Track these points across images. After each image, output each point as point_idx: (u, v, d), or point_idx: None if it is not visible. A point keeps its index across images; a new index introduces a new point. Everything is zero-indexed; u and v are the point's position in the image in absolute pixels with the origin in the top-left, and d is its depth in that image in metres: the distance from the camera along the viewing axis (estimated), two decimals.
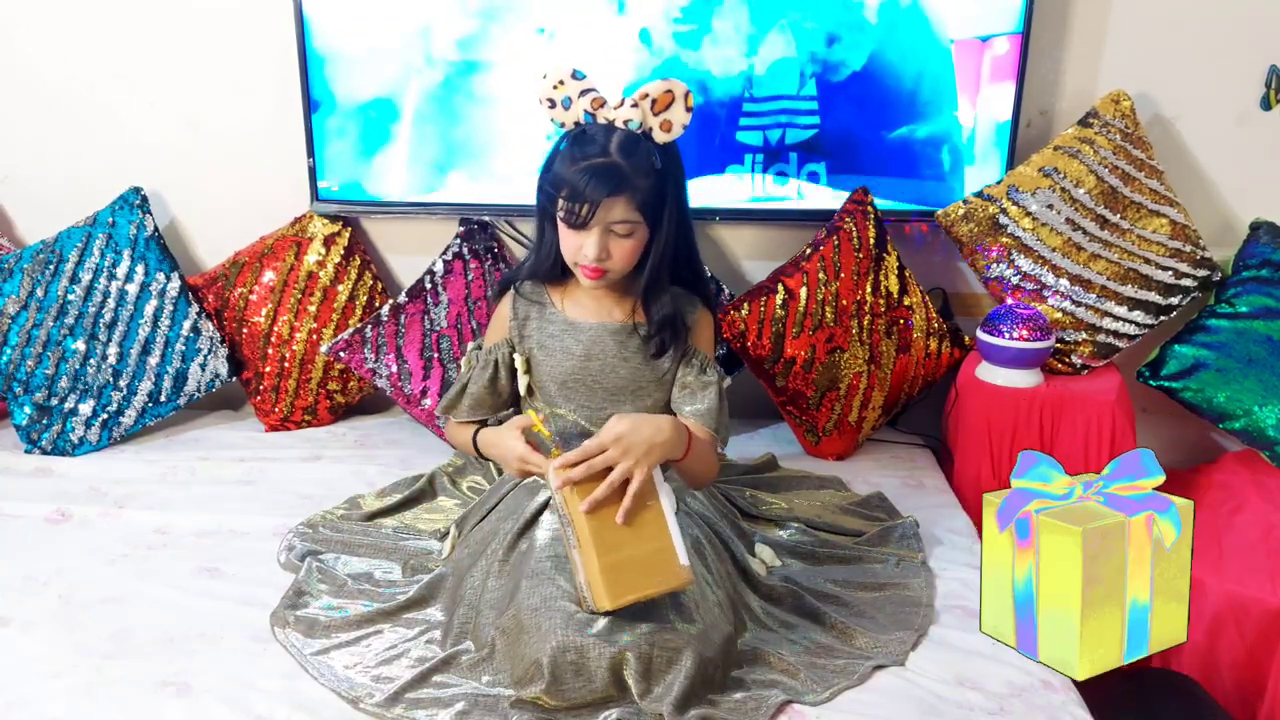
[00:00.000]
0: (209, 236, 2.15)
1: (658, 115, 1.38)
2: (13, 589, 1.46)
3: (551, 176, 1.39)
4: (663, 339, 1.46)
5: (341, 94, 1.98)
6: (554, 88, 1.39)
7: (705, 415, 1.44)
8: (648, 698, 1.19)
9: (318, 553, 1.54)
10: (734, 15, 1.91)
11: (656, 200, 1.38)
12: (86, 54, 2.05)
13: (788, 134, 1.98)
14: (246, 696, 1.23)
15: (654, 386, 1.48)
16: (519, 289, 1.52)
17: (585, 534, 1.20)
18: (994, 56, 1.92)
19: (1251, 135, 2.01)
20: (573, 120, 1.40)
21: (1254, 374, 1.87)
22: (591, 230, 1.36)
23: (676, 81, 1.38)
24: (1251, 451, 1.95)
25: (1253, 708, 1.59)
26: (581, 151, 1.36)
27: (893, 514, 1.71)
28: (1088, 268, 1.90)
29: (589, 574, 1.20)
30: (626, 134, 1.37)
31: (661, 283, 1.45)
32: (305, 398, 2.07)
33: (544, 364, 1.48)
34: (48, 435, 1.93)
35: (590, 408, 1.47)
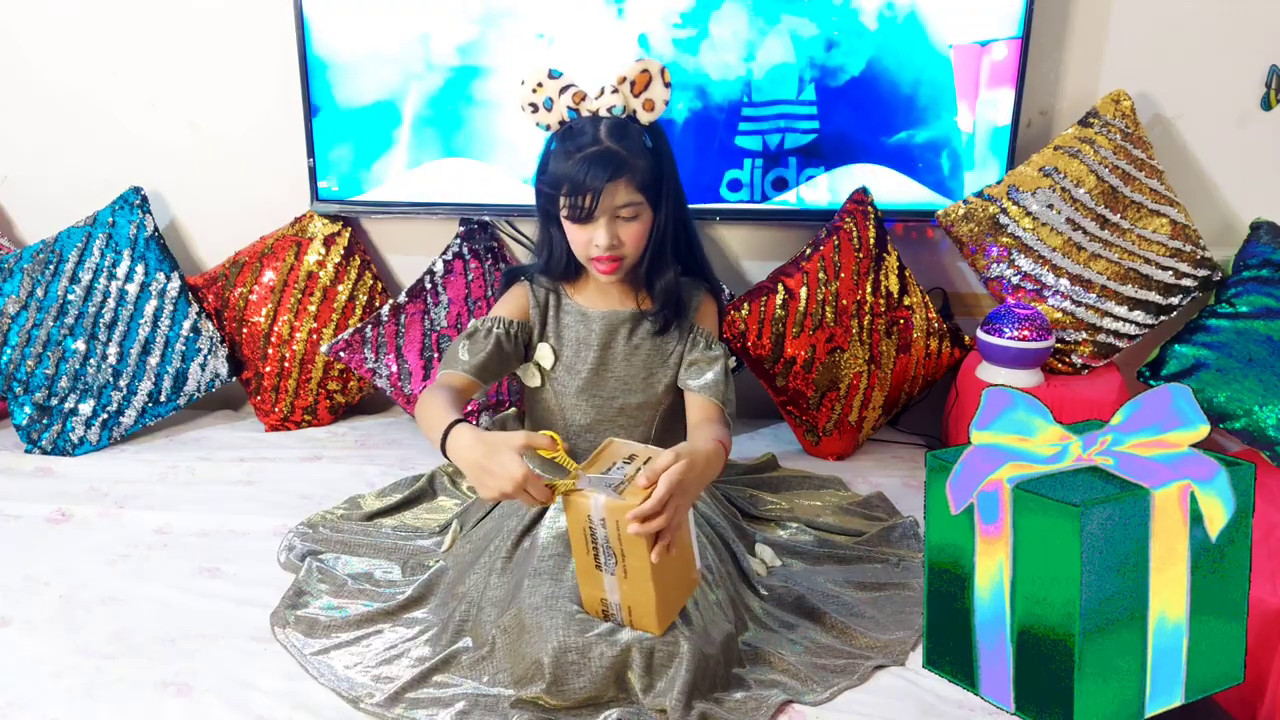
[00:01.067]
0: (209, 236, 2.15)
1: (638, 96, 1.40)
2: (13, 589, 1.46)
3: (548, 177, 1.40)
4: (666, 315, 1.48)
5: (342, 97, 1.98)
6: (533, 91, 1.41)
7: (712, 388, 1.45)
8: (651, 693, 1.19)
9: (318, 552, 1.54)
10: (732, 20, 1.91)
11: (655, 180, 1.40)
12: (87, 54, 2.05)
13: (787, 139, 1.98)
14: (246, 696, 1.23)
15: (663, 372, 1.50)
16: (534, 280, 1.53)
17: (643, 571, 1.16)
18: (993, 62, 1.92)
19: (1251, 135, 2.01)
20: (557, 120, 1.42)
21: (1254, 374, 1.87)
22: (598, 221, 1.38)
23: (650, 59, 1.41)
24: (1252, 451, 1.95)
25: (1252, 707, 1.59)
26: (574, 144, 1.38)
27: (893, 514, 1.71)
28: (1088, 267, 1.90)
29: (642, 604, 1.19)
30: (613, 120, 1.39)
31: (665, 259, 1.46)
32: (305, 398, 2.07)
33: (560, 353, 1.50)
34: (48, 435, 1.93)
35: (602, 397, 1.49)
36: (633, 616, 1.22)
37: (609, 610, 1.24)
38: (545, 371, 1.52)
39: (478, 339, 1.47)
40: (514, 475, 1.16)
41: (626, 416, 1.50)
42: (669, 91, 1.41)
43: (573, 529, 1.21)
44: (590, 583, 1.24)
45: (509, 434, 1.20)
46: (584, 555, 1.22)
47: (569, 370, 1.50)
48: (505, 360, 1.49)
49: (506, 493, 1.17)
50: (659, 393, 1.50)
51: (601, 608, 1.24)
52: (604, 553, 1.19)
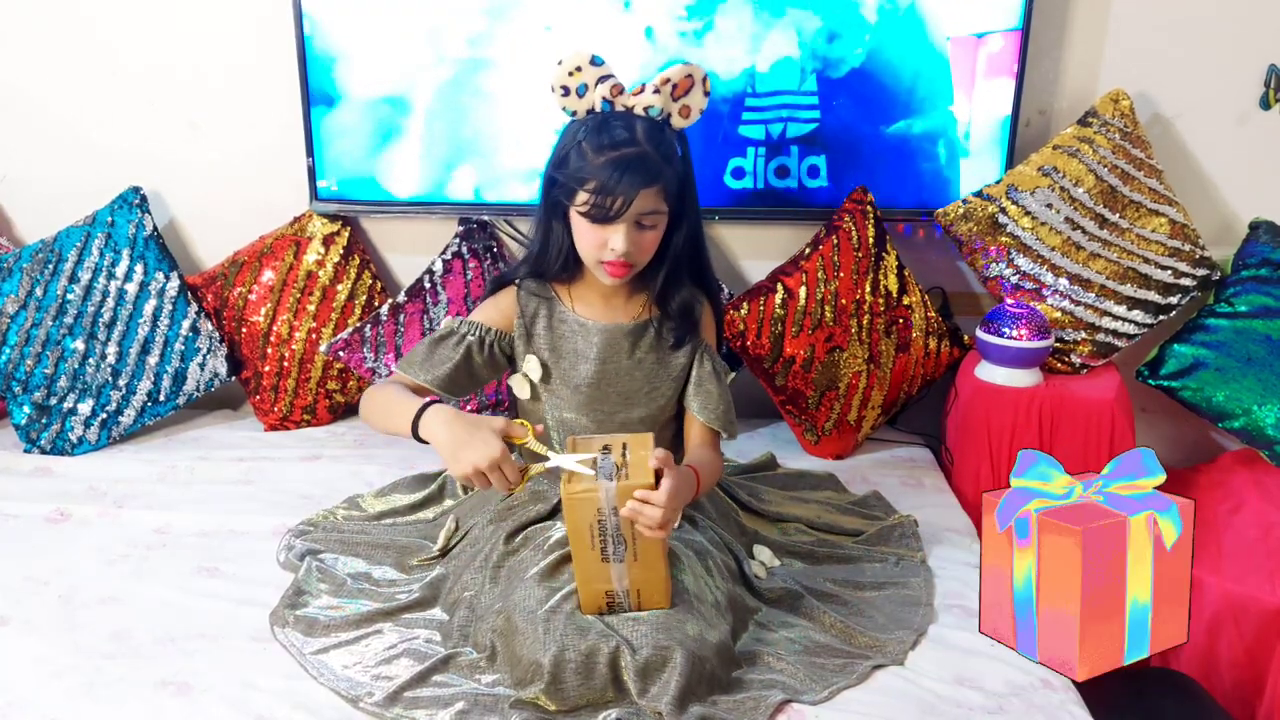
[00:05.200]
0: (208, 236, 2.15)
1: (677, 101, 1.34)
2: (12, 589, 1.46)
3: (571, 170, 1.31)
4: (681, 332, 1.44)
5: (350, 92, 1.98)
6: (570, 74, 1.33)
7: (716, 417, 1.45)
8: (645, 696, 1.19)
9: (317, 552, 1.54)
10: (737, 13, 1.91)
11: (680, 190, 1.35)
12: (86, 53, 2.04)
13: (789, 128, 1.98)
14: (246, 696, 1.23)
15: (667, 385, 1.47)
16: (522, 284, 1.47)
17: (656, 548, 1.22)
18: (989, 53, 1.93)
19: (1251, 135, 2.01)
20: (585, 109, 1.34)
21: (1253, 373, 1.87)
22: (620, 225, 1.31)
23: (695, 66, 1.34)
24: (1251, 451, 1.95)
25: (1252, 707, 1.59)
26: (609, 139, 1.29)
27: (890, 513, 1.71)
28: (1087, 267, 1.90)
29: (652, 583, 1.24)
30: (650, 121, 1.32)
31: (680, 274, 1.42)
32: (304, 397, 2.07)
33: (556, 367, 1.45)
34: (47, 435, 1.93)
35: (603, 412, 1.45)
36: (641, 598, 1.24)
37: (615, 600, 1.24)
38: (535, 384, 1.46)
39: (445, 347, 1.41)
40: (491, 453, 1.18)
41: (627, 431, 1.44)
42: (706, 101, 1.36)
43: (576, 527, 1.21)
44: (595, 578, 1.24)
45: (490, 416, 1.24)
46: (588, 551, 1.22)
47: (564, 382, 1.45)
48: (474, 373, 1.43)
49: (480, 468, 1.19)
50: (661, 405, 1.47)
51: (606, 600, 1.25)
52: (613, 540, 1.21)
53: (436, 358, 1.40)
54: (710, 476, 1.41)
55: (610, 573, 1.23)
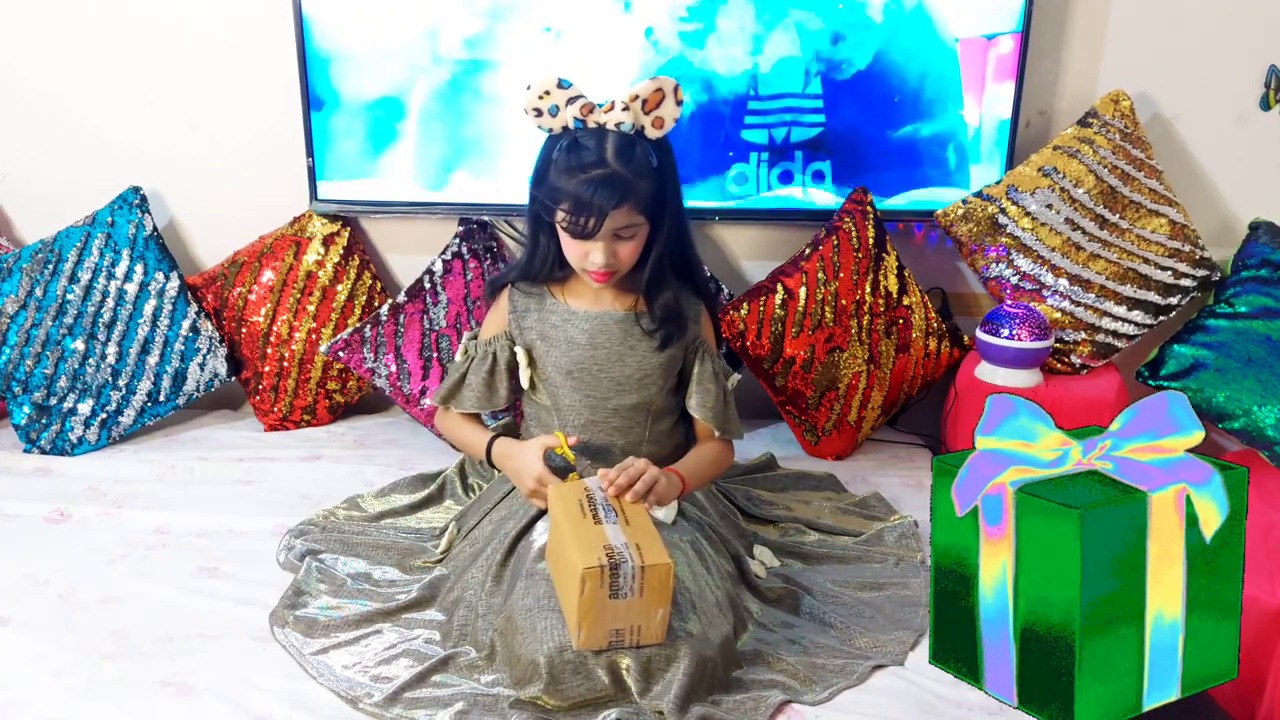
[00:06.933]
0: (208, 236, 2.15)
1: (649, 114, 1.37)
2: (12, 589, 1.46)
3: (548, 189, 1.37)
4: (667, 332, 1.46)
5: (347, 93, 1.98)
6: (539, 97, 1.38)
7: (713, 416, 1.49)
8: (647, 696, 1.19)
9: (317, 552, 1.54)
10: (739, 14, 1.91)
11: (657, 199, 1.39)
12: (86, 53, 2.04)
13: (793, 132, 1.98)
14: (246, 696, 1.23)
15: (659, 374, 1.49)
16: (515, 285, 1.52)
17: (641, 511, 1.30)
18: (999, 55, 1.92)
19: (1251, 135, 2.01)
20: (560, 126, 1.39)
21: (1253, 374, 1.87)
22: (598, 240, 1.36)
23: (665, 78, 1.37)
24: (1251, 451, 1.95)
25: (1251, 707, 1.59)
26: (578, 161, 1.35)
27: (890, 514, 1.71)
28: (1087, 267, 1.90)
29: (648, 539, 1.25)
30: (620, 137, 1.36)
31: (664, 276, 1.46)
32: (304, 397, 2.07)
33: (548, 355, 1.48)
34: (47, 435, 1.93)
35: (596, 397, 1.48)
36: (642, 551, 1.21)
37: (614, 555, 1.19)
38: (532, 375, 1.51)
39: (469, 373, 1.52)
40: (533, 472, 1.37)
41: (620, 417, 1.49)
42: (680, 109, 1.38)
43: (568, 508, 1.27)
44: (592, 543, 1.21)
45: (530, 441, 1.42)
46: (582, 520, 1.25)
47: (558, 369, 1.48)
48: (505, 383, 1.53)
49: (531, 489, 1.37)
50: (652, 394, 1.49)
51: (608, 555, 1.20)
52: (603, 509, 1.28)
53: (467, 389, 1.53)
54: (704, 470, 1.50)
55: (607, 532, 1.23)
